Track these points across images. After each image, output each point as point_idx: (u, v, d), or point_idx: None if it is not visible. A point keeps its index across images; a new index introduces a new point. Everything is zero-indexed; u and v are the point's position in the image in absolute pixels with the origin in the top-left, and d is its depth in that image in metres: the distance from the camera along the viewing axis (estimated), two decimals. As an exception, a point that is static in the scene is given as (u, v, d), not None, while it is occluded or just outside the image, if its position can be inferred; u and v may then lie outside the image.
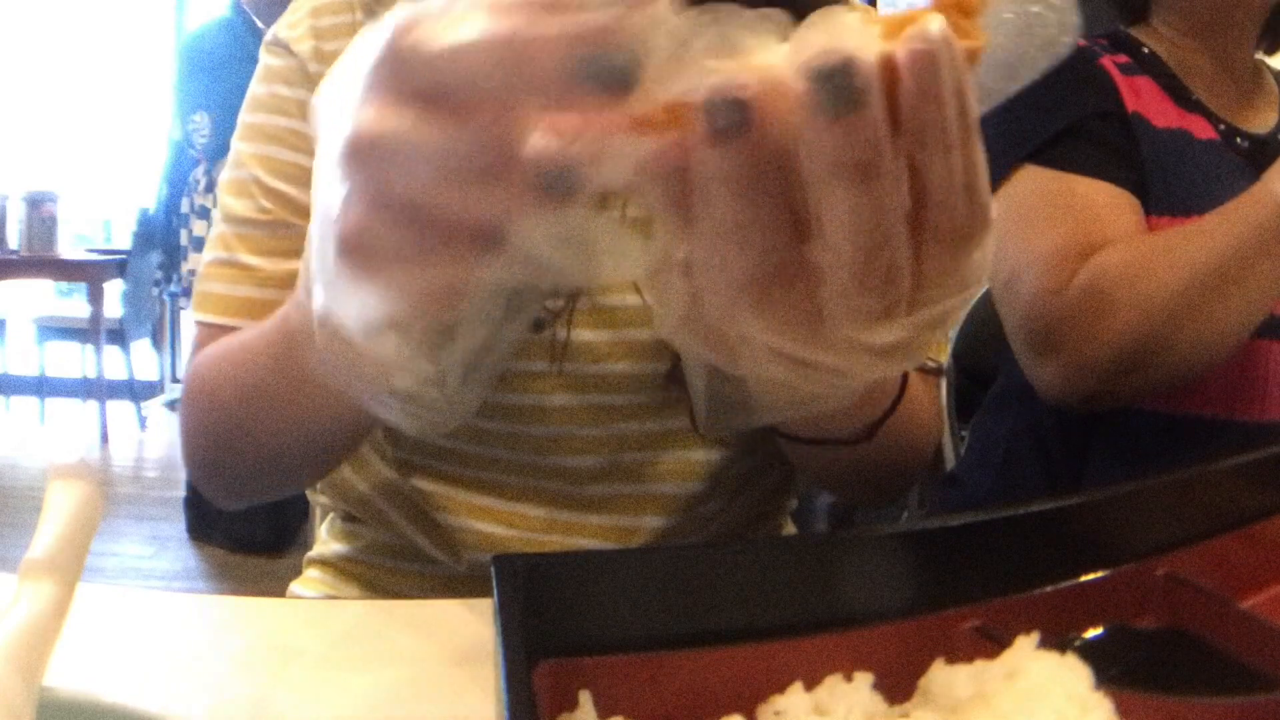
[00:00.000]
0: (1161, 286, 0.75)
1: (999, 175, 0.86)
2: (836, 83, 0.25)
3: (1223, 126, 0.90)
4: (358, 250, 0.29)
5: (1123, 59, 0.92)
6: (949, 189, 0.27)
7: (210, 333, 0.63)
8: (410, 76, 0.27)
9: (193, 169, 2.93)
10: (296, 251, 0.62)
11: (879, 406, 0.53)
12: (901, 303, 0.28)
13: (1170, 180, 0.85)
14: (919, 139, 0.26)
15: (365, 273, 0.29)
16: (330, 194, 0.29)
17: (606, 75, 0.25)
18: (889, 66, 0.25)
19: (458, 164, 0.27)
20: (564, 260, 0.28)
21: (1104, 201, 0.83)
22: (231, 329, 0.61)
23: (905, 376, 0.54)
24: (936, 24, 0.25)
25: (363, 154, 0.28)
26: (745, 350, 0.31)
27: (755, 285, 0.28)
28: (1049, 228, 0.83)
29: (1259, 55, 0.97)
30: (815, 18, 0.26)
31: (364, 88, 0.28)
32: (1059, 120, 0.86)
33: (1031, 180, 0.85)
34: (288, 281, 0.62)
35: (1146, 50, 0.93)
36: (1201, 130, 0.89)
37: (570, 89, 0.25)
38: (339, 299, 0.30)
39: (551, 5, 0.25)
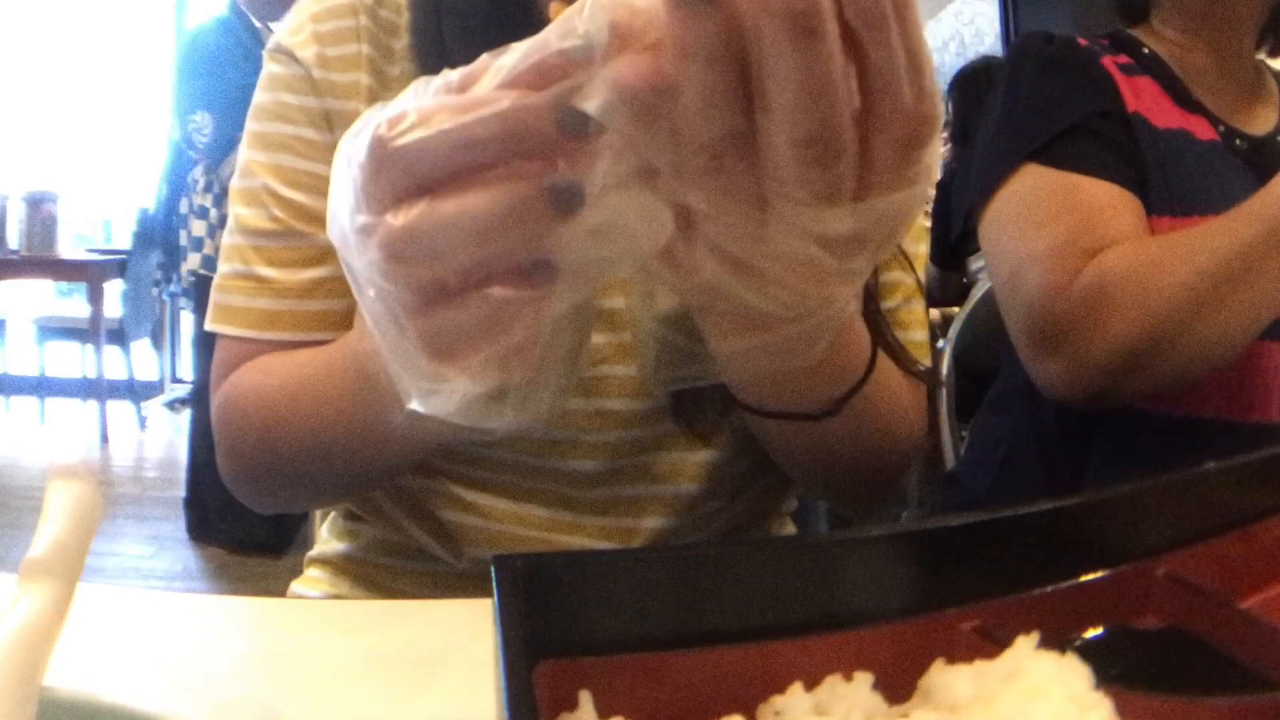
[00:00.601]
0: (1167, 288, 0.75)
1: (1002, 174, 0.86)
2: None
3: (1223, 128, 0.91)
4: (444, 345, 0.31)
5: (1124, 59, 0.92)
6: (891, 71, 0.28)
7: (234, 345, 0.63)
8: (413, 169, 0.29)
9: (191, 169, 2.93)
10: (310, 260, 0.62)
11: (845, 376, 0.52)
12: (845, 186, 0.29)
13: (1171, 180, 0.85)
14: (857, 9, 0.27)
15: (460, 359, 0.31)
16: (381, 306, 0.31)
17: (576, 123, 0.28)
18: None
19: (488, 225, 0.29)
20: (609, 251, 0.29)
21: (1106, 201, 0.83)
22: (254, 341, 0.63)
23: (874, 354, 0.53)
24: None
25: (405, 254, 0.30)
26: (691, 255, 0.31)
27: (707, 154, 0.29)
28: (1052, 225, 0.83)
29: (1262, 57, 0.97)
30: None
31: (370, 197, 0.30)
32: (1062, 119, 0.86)
33: (1034, 179, 0.85)
34: (304, 292, 0.62)
35: (1147, 50, 0.93)
36: (1202, 131, 0.89)
37: (551, 138, 0.28)
38: (438, 401, 0.32)
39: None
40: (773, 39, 0.27)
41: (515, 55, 0.29)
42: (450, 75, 0.30)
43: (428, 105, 0.29)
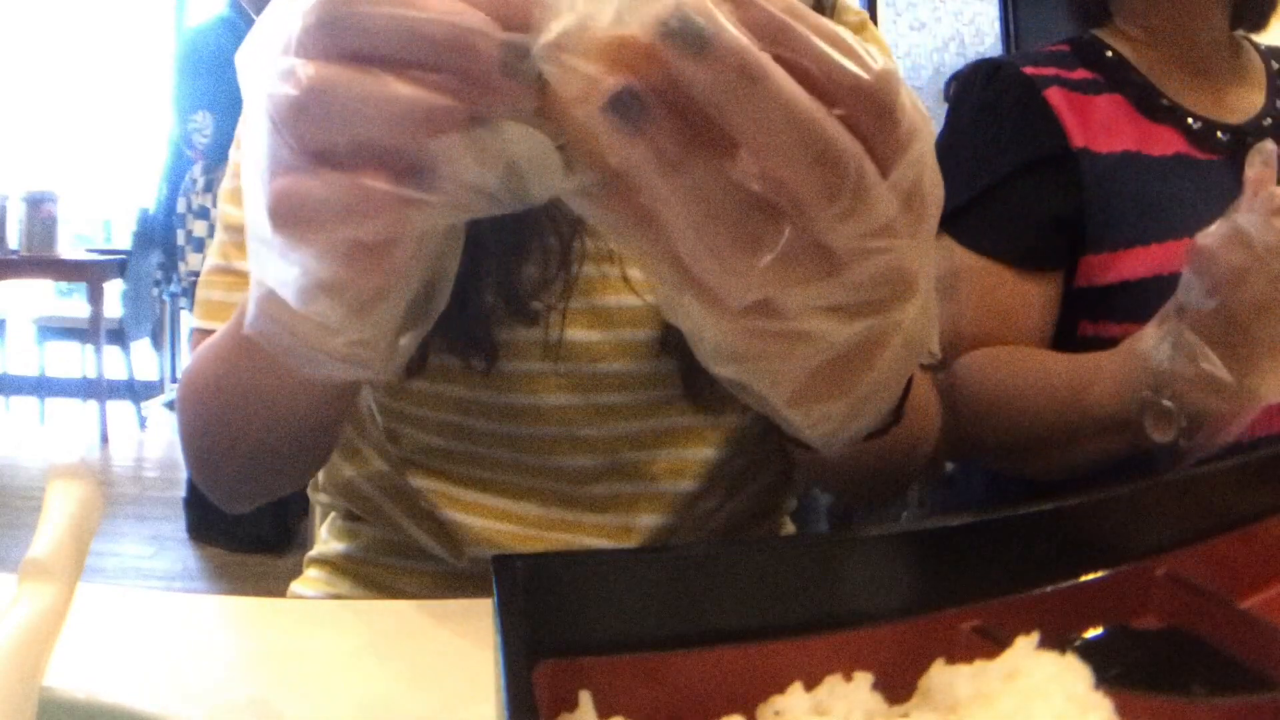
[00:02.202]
0: (1005, 426, 0.78)
1: None
2: (687, 29, 0.26)
3: (1199, 125, 0.86)
4: (294, 214, 0.30)
5: (1081, 74, 0.88)
6: (821, 58, 0.28)
7: (206, 339, 0.63)
8: (353, 37, 0.29)
9: (190, 169, 2.93)
10: None
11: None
12: (869, 172, 0.29)
13: (1113, 212, 0.83)
14: (760, 32, 0.27)
15: (304, 234, 0.30)
16: (260, 154, 0.30)
17: (519, 69, 0.28)
18: None
19: (391, 112, 0.28)
20: (491, 182, 0.29)
21: (999, 289, 0.84)
22: None
23: None
24: None
25: (312, 107, 0.29)
26: (801, 326, 0.31)
27: (745, 239, 0.29)
28: (944, 303, 0.85)
29: (1242, 33, 0.93)
30: None
31: (303, 47, 0.29)
32: (982, 178, 0.86)
33: (943, 250, 0.86)
34: None
35: (1111, 54, 0.90)
36: (1163, 144, 0.86)
37: (487, 68, 0.28)
38: (271, 262, 0.31)
39: None
40: (734, 105, 0.27)
41: None
42: None
43: None
